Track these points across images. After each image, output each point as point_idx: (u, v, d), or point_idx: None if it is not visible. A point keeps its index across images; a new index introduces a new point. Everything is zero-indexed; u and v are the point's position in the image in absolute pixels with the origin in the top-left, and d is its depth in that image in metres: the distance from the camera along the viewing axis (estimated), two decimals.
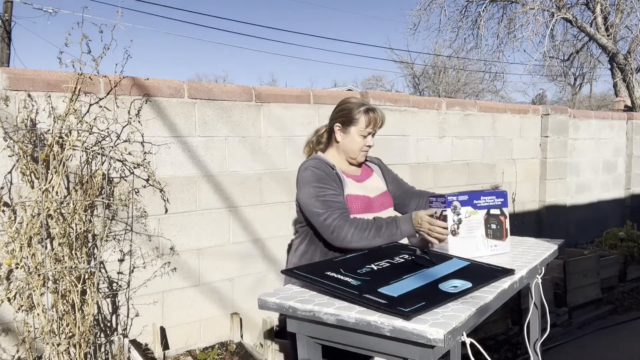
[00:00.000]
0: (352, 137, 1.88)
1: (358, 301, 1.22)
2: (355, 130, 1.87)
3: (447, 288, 1.30)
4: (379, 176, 2.08)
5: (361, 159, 1.94)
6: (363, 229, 1.68)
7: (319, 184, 1.74)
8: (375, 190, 1.96)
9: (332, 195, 1.73)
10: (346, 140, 1.89)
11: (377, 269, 1.44)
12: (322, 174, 1.77)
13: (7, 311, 2.48)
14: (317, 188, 1.73)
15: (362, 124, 1.85)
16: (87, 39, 2.43)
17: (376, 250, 1.69)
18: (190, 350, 3.12)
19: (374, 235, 1.67)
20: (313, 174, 1.76)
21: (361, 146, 1.88)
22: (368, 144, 1.91)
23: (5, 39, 10.54)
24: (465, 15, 11.52)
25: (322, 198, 1.72)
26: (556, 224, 5.56)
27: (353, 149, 1.88)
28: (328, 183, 1.75)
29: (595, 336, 3.70)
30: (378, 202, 1.92)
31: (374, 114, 1.87)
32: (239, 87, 3.31)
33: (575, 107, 20.51)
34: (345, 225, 1.67)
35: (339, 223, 1.67)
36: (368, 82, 27.52)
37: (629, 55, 9.96)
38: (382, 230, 1.69)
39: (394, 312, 1.14)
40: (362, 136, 1.87)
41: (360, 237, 1.66)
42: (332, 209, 1.70)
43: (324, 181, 1.75)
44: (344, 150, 1.91)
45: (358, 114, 1.85)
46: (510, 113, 5.11)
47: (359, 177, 1.95)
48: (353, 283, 1.31)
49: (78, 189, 2.54)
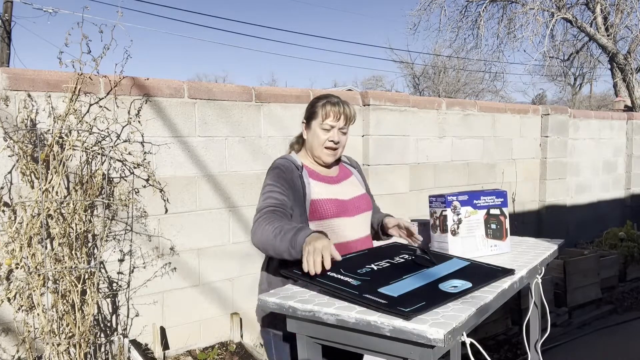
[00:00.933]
0: (313, 132, 1.76)
1: (358, 301, 1.22)
2: (315, 124, 1.75)
3: (447, 288, 1.30)
4: (358, 179, 1.94)
5: (327, 158, 1.77)
6: (271, 229, 1.51)
7: (271, 181, 1.67)
8: (351, 193, 1.82)
9: (276, 193, 1.63)
10: (309, 137, 1.78)
11: (377, 268, 1.44)
12: (280, 172, 1.68)
13: (7, 311, 2.48)
14: (267, 186, 1.67)
15: (321, 117, 1.73)
16: (87, 39, 2.43)
17: (376, 250, 1.69)
18: (190, 350, 3.12)
19: (274, 236, 1.47)
20: (272, 171, 1.71)
21: (322, 141, 1.73)
22: (332, 138, 1.73)
23: (5, 39, 10.53)
24: (465, 15, 11.53)
25: (265, 194, 1.64)
26: (556, 224, 5.56)
27: (314, 145, 1.75)
28: (279, 181, 1.66)
29: (595, 336, 3.70)
30: (353, 204, 1.78)
31: (333, 106, 1.73)
32: (239, 87, 3.31)
33: (575, 107, 20.51)
34: (263, 221, 1.54)
35: (260, 219, 1.56)
36: (368, 82, 27.52)
37: (629, 55, 9.97)
38: (281, 233, 1.47)
39: (394, 312, 1.14)
40: (323, 130, 1.73)
41: (261, 234, 1.52)
42: (266, 204, 1.61)
43: (276, 179, 1.67)
44: (310, 149, 1.79)
45: (317, 107, 1.74)
46: (510, 113, 5.11)
47: (335, 178, 1.82)
48: (353, 283, 1.31)
49: (78, 189, 2.54)
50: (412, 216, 3.94)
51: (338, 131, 1.75)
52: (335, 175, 1.84)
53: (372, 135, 3.89)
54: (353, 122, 1.81)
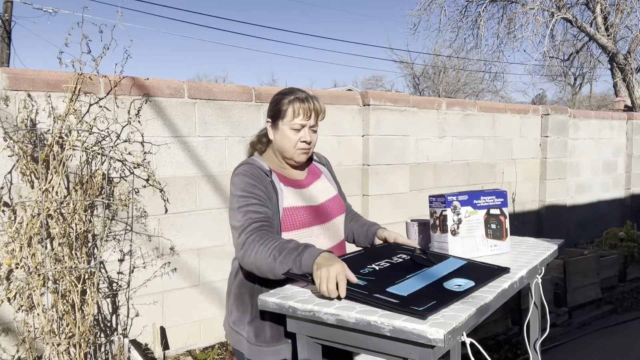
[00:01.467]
0: (282, 133, 1.60)
1: (370, 301, 1.20)
2: (283, 123, 1.59)
3: (452, 287, 1.30)
4: (328, 178, 1.80)
5: (299, 158, 1.63)
6: (266, 250, 1.39)
7: (244, 192, 1.52)
8: (323, 196, 1.69)
9: (256, 205, 1.49)
10: (277, 137, 1.62)
11: (379, 268, 1.44)
12: (250, 180, 1.53)
13: (7, 311, 2.48)
14: (241, 198, 1.51)
15: (290, 116, 1.58)
16: (87, 39, 2.43)
17: (372, 250, 1.68)
18: (190, 350, 3.12)
19: (273, 259, 1.37)
20: (240, 180, 1.54)
21: (294, 142, 1.59)
22: (304, 139, 1.59)
23: (5, 39, 10.54)
24: (465, 15, 11.54)
25: (243, 209, 1.49)
26: (556, 224, 5.56)
27: (285, 146, 1.60)
28: (254, 192, 1.52)
29: (595, 336, 3.70)
30: (326, 209, 1.66)
31: (302, 103, 1.58)
32: (239, 87, 3.31)
33: (575, 107, 20.52)
34: (255, 242, 1.41)
35: (249, 238, 1.43)
36: (368, 82, 27.54)
37: (629, 55, 9.97)
38: (281, 255, 1.36)
39: (408, 312, 1.13)
40: (293, 130, 1.58)
41: (255, 257, 1.40)
42: (250, 221, 1.47)
43: (250, 188, 1.52)
44: (278, 150, 1.64)
45: (285, 105, 1.58)
46: (510, 113, 5.11)
47: (303, 182, 1.68)
48: (360, 283, 1.30)
49: (78, 189, 2.54)
50: (412, 216, 3.94)
51: (309, 130, 1.61)
52: (303, 177, 1.70)
53: (372, 135, 3.89)
54: (323, 117, 1.65)
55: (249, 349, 1.54)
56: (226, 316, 1.67)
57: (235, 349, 1.61)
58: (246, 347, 1.55)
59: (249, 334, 1.54)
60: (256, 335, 1.53)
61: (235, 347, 1.61)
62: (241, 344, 1.57)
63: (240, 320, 1.57)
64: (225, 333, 1.67)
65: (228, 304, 1.65)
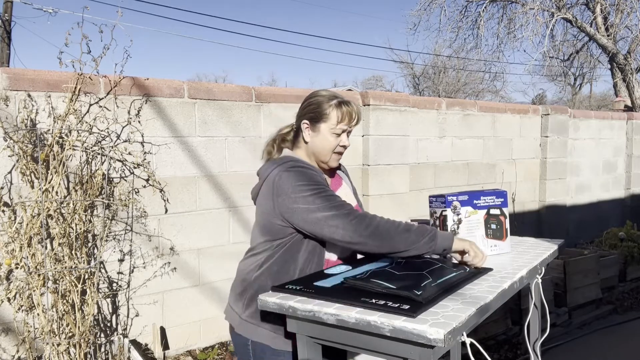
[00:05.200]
0: (322, 136, 1.59)
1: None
2: (325, 127, 1.58)
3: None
4: (349, 186, 1.79)
5: (333, 163, 1.63)
6: (391, 222, 1.43)
7: (312, 182, 1.48)
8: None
9: (340, 198, 1.48)
10: (316, 140, 1.60)
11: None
12: (312, 173, 1.51)
13: (7, 311, 2.48)
14: (312, 186, 1.46)
15: (334, 120, 1.57)
16: (87, 39, 2.43)
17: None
18: (190, 350, 3.12)
19: (405, 230, 1.41)
20: (300, 174, 1.50)
21: (334, 146, 1.59)
22: (342, 143, 1.61)
23: (5, 39, 10.54)
24: (465, 15, 11.53)
25: (323, 195, 1.45)
26: (556, 224, 5.56)
27: (324, 150, 1.60)
28: (321, 182, 1.50)
29: (595, 336, 3.70)
30: None
31: (347, 107, 1.57)
32: (239, 87, 3.31)
33: (575, 107, 20.52)
34: (376, 219, 1.42)
35: (355, 212, 1.43)
36: (368, 82, 27.53)
37: (629, 55, 9.97)
38: (426, 235, 1.42)
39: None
40: (334, 134, 1.58)
41: (388, 228, 1.40)
42: (341, 201, 1.46)
43: (317, 179, 1.50)
44: (314, 152, 1.62)
45: (329, 108, 1.57)
46: (510, 113, 5.11)
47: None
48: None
49: (78, 189, 2.54)
50: (412, 216, 3.94)
51: (347, 135, 1.62)
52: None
53: (372, 135, 3.89)
54: (359, 122, 1.66)
55: (275, 340, 1.53)
56: (236, 308, 1.63)
57: (249, 339, 1.57)
58: (271, 338, 1.53)
59: (274, 327, 1.52)
60: (282, 329, 1.50)
61: (250, 337, 1.57)
62: (261, 336, 1.55)
63: (263, 312, 1.52)
64: (233, 324, 1.62)
65: (242, 297, 1.61)
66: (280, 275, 1.53)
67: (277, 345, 1.54)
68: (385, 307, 1.16)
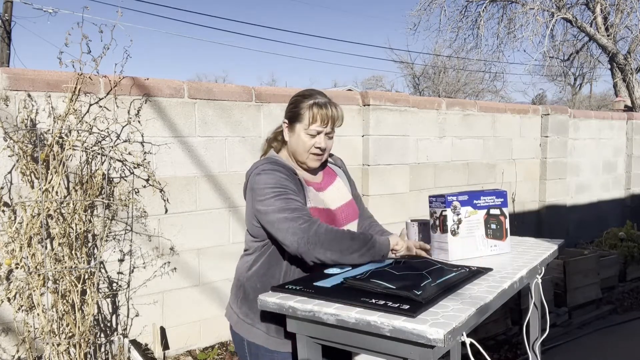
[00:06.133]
0: (297, 136, 1.58)
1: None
2: (300, 127, 1.57)
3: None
4: (344, 181, 1.78)
5: (311, 163, 1.62)
6: (337, 230, 1.44)
7: (277, 185, 1.48)
8: (339, 200, 1.69)
9: (293, 196, 1.48)
10: (292, 140, 1.61)
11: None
12: (282, 175, 1.51)
13: (7, 311, 2.48)
14: (276, 189, 1.47)
15: (306, 121, 1.56)
16: (87, 39, 2.43)
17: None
18: (190, 350, 3.12)
19: (351, 237, 1.44)
20: (270, 176, 1.50)
21: (308, 147, 1.58)
22: (318, 145, 1.58)
23: (5, 39, 10.54)
24: (465, 15, 11.53)
25: (282, 197, 1.46)
26: (556, 224, 5.56)
27: (299, 150, 1.59)
28: (288, 185, 1.50)
29: (595, 336, 3.70)
30: (341, 214, 1.65)
31: (321, 109, 1.55)
32: (239, 87, 3.31)
33: (575, 107, 20.52)
34: (323, 226, 1.42)
35: (307, 218, 1.42)
36: (368, 82, 27.53)
37: (629, 55, 9.97)
38: (368, 243, 1.46)
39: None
40: (309, 135, 1.57)
41: (333, 236, 1.41)
42: (298, 205, 1.46)
43: (284, 182, 1.50)
44: (292, 152, 1.63)
45: (303, 109, 1.57)
46: (510, 113, 5.11)
47: (320, 185, 1.67)
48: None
49: (78, 189, 2.54)
50: (412, 216, 3.94)
51: (325, 136, 1.59)
52: (320, 181, 1.70)
53: (372, 135, 3.89)
54: (340, 124, 1.64)
55: (269, 341, 1.54)
56: (234, 307, 1.64)
57: (245, 339, 1.58)
58: (264, 338, 1.55)
59: (268, 328, 1.54)
60: (277, 330, 1.52)
61: (245, 337, 1.58)
62: (256, 336, 1.56)
63: (255, 314, 1.55)
64: (231, 323, 1.64)
65: (237, 297, 1.63)
66: (266, 278, 1.54)
67: (271, 346, 1.55)
68: (385, 307, 1.16)
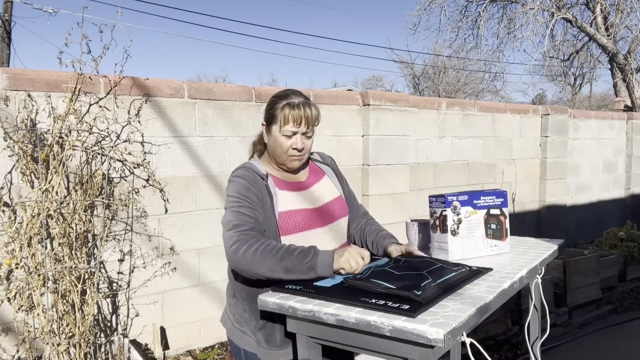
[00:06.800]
0: (274, 138, 1.58)
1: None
2: (275, 129, 1.56)
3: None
4: (332, 179, 1.76)
5: (291, 164, 1.60)
6: (270, 249, 1.38)
7: (236, 194, 1.50)
8: (325, 197, 1.67)
9: (247, 209, 1.47)
10: (270, 141, 1.61)
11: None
12: (245, 184, 1.51)
13: (7, 311, 2.48)
14: (234, 199, 1.49)
15: (281, 122, 1.55)
16: (87, 39, 2.43)
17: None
18: (190, 350, 3.12)
19: (281, 258, 1.37)
20: (235, 184, 1.52)
21: (285, 148, 1.56)
22: (295, 146, 1.55)
23: (5, 39, 10.55)
24: (465, 15, 11.53)
25: (235, 209, 1.47)
26: (556, 224, 5.56)
27: (277, 152, 1.58)
28: (248, 195, 1.50)
29: (595, 336, 3.70)
30: (328, 210, 1.63)
31: (293, 110, 1.53)
32: (239, 87, 3.31)
33: (575, 107, 20.53)
34: (250, 240, 1.39)
35: (242, 237, 1.40)
36: (368, 82, 27.54)
37: (629, 55, 9.97)
38: (293, 255, 1.38)
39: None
40: (284, 136, 1.55)
41: (263, 257, 1.36)
42: (240, 221, 1.44)
43: (244, 191, 1.50)
44: (271, 154, 1.62)
45: (277, 110, 1.56)
46: (510, 113, 5.11)
47: (304, 183, 1.66)
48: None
49: (78, 189, 2.54)
50: (412, 216, 3.94)
51: (301, 137, 1.57)
52: (304, 179, 1.68)
53: (372, 135, 3.89)
54: (317, 123, 1.61)
55: (260, 350, 1.53)
56: (227, 313, 1.64)
57: (239, 347, 1.58)
58: (255, 348, 1.54)
59: (259, 338, 1.52)
60: (267, 341, 1.51)
61: (239, 344, 1.57)
62: (249, 344, 1.55)
63: (247, 323, 1.54)
64: (226, 329, 1.64)
65: (230, 304, 1.63)
66: (251, 281, 1.50)
67: (262, 356, 1.53)
68: (385, 307, 1.16)
